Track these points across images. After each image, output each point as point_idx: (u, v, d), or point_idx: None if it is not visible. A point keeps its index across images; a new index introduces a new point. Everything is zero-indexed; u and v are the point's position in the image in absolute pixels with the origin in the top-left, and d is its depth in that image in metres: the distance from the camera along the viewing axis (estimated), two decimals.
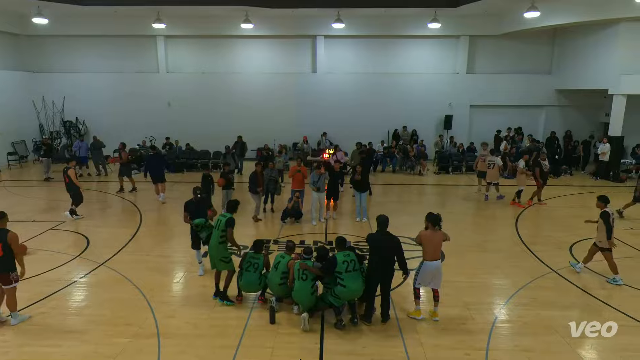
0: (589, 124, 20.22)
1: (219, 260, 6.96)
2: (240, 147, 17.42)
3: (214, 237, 6.96)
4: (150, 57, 20.52)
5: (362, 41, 20.23)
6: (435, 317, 6.57)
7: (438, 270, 6.55)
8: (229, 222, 6.86)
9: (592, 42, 17.36)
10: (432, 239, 6.44)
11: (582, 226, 10.74)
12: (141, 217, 11.57)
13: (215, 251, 6.94)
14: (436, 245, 6.47)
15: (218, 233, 6.91)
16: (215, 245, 6.92)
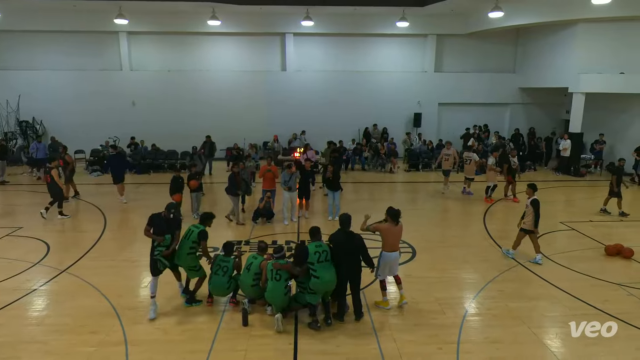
0: (551, 121, 21.03)
1: (188, 270, 6.84)
2: (209, 148, 17.02)
3: (184, 248, 6.76)
4: (112, 54, 19.76)
5: (332, 39, 20.24)
6: (404, 300, 6.84)
7: (396, 260, 6.87)
8: (202, 234, 6.71)
9: (553, 42, 18.03)
10: (392, 231, 6.68)
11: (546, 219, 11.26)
12: (105, 221, 11.16)
13: (183, 261, 6.78)
14: (396, 237, 6.74)
15: (188, 244, 6.74)
16: (184, 255, 6.74)
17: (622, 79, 15.97)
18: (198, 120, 19.69)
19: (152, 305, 6.50)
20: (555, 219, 11.37)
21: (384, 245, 6.72)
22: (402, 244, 9.39)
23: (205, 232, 6.79)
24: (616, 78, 16.02)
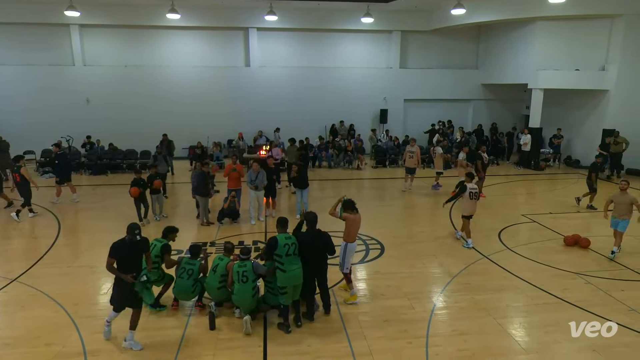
0: (512, 117, 21.74)
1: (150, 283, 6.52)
2: (167, 146, 16.08)
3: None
4: (64, 48, 18.69)
5: (296, 34, 20.04)
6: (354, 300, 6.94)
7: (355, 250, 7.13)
8: (164, 248, 6.47)
9: (513, 39, 18.59)
10: (356, 221, 6.90)
11: (510, 213, 11.61)
12: (60, 225, 10.57)
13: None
14: (357, 226, 6.98)
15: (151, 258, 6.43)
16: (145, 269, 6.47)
17: (577, 76, 16.68)
18: (158, 118, 19.01)
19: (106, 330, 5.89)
20: (517, 212, 11.73)
21: (348, 235, 6.87)
22: (370, 241, 9.50)
23: (169, 246, 6.57)
24: (572, 75, 16.71)
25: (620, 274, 7.96)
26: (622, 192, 8.54)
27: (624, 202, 8.44)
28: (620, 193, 8.56)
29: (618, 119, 16.35)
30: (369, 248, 9.13)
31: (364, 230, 10.10)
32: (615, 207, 8.60)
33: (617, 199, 8.57)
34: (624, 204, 8.45)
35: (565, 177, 16.41)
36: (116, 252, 5.51)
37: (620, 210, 8.47)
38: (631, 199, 8.40)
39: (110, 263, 5.50)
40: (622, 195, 8.51)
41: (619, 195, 8.56)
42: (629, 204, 8.40)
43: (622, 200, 8.48)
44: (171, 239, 6.73)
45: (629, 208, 8.42)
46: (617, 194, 8.62)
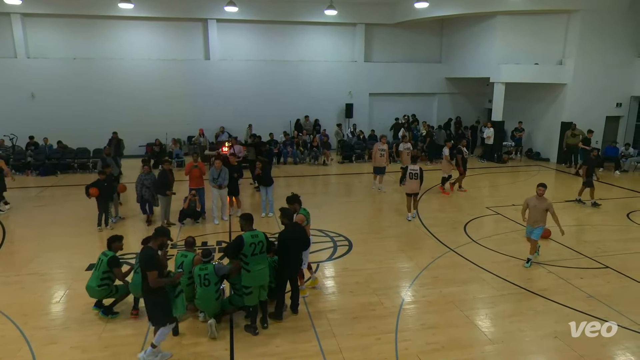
0: (475, 110, 22.21)
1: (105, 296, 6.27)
2: (116, 146, 14.98)
3: (93, 279, 6.16)
4: (5, 39, 17.38)
5: (258, 27, 19.56)
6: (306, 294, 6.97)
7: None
8: (112, 262, 6.11)
9: (475, 33, 18.93)
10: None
11: (474, 205, 11.81)
12: (5, 231, 9.88)
13: (94, 293, 6.20)
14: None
15: (98, 274, 6.13)
16: (94, 287, 6.14)
17: (537, 70, 17.17)
18: (112, 114, 18.10)
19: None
20: (482, 205, 11.97)
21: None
22: (338, 237, 9.41)
23: (116, 258, 6.20)
24: (532, 68, 17.18)
25: (579, 262, 8.23)
26: (538, 197, 7.87)
27: (540, 208, 7.80)
28: (537, 198, 7.88)
29: (575, 112, 16.98)
30: (336, 245, 9.04)
31: (331, 226, 10.06)
32: (530, 213, 7.95)
33: (533, 204, 7.90)
34: (539, 211, 7.82)
35: (527, 169, 16.92)
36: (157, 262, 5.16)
37: (535, 216, 7.85)
38: (547, 205, 7.79)
39: (155, 276, 5.08)
40: (538, 200, 7.86)
41: (535, 201, 7.90)
42: (544, 210, 7.80)
43: (537, 206, 7.83)
44: (117, 249, 6.33)
45: (544, 215, 7.83)
46: (533, 199, 7.93)
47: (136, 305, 6.28)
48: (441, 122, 21.04)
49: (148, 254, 5.18)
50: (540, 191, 7.85)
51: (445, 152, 13.08)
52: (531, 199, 7.98)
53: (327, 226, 10.05)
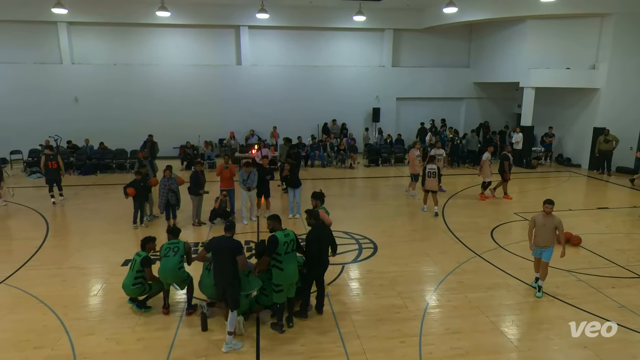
0: (503, 115, 21.84)
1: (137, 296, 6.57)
2: (151, 148, 15.55)
3: (128, 278, 6.45)
4: (51, 46, 18.42)
5: (289, 33, 19.95)
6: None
7: None
8: (144, 262, 6.37)
9: (504, 37, 18.67)
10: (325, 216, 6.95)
11: (502, 211, 11.65)
12: (48, 226, 10.41)
13: (129, 292, 6.49)
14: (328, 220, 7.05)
15: (132, 274, 6.40)
16: (129, 286, 6.43)
17: (568, 74, 16.76)
18: (148, 117, 18.83)
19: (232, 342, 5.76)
20: (510, 210, 11.79)
21: None
22: (363, 240, 9.49)
23: (148, 258, 6.45)
24: (563, 73, 16.79)
25: (611, 271, 8.01)
26: (546, 214, 7.05)
27: (549, 226, 7.00)
28: (544, 216, 7.06)
29: (608, 117, 16.48)
30: (362, 247, 9.11)
31: (356, 228, 10.14)
32: (538, 233, 7.10)
33: (541, 222, 7.06)
34: (548, 229, 7.00)
35: (557, 175, 16.53)
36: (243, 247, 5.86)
37: (544, 236, 7.01)
38: (557, 223, 7.00)
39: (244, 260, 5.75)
40: (546, 218, 7.04)
41: (543, 219, 7.06)
42: (554, 228, 7.00)
43: (546, 224, 7.02)
44: (150, 249, 6.59)
45: (554, 234, 7.02)
46: (541, 217, 7.09)
47: (166, 304, 6.49)
48: (469, 126, 20.78)
49: (233, 242, 5.67)
50: (548, 209, 7.02)
51: (485, 157, 12.71)
52: (539, 217, 7.14)
53: (352, 228, 10.14)
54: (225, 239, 5.70)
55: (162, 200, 9.97)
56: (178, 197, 10.13)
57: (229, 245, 5.64)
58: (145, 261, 6.37)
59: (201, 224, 10.35)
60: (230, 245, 5.64)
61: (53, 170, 12.07)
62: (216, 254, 5.68)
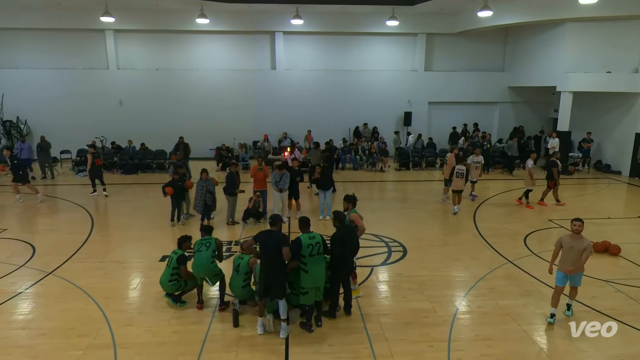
0: (539, 120, 21.28)
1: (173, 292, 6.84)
2: (183, 150, 15.81)
3: (165, 275, 6.71)
4: (99, 52, 19.49)
5: (322, 38, 20.21)
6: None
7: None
8: (180, 259, 6.61)
9: (541, 41, 18.21)
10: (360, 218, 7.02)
11: (536, 218, 11.36)
12: (93, 222, 10.99)
13: (166, 288, 6.75)
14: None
15: (169, 270, 6.66)
16: (165, 283, 6.70)
17: (608, 78, 16.20)
18: (186, 119, 19.58)
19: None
20: (545, 217, 11.49)
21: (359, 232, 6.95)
22: (392, 243, 9.50)
23: (184, 256, 6.68)
24: (603, 77, 16.24)
25: None
26: (574, 235, 6.14)
27: (578, 249, 6.07)
28: (572, 237, 6.16)
29: None
30: (391, 250, 9.13)
31: (386, 231, 10.16)
32: (564, 257, 6.21)
33: (569, 244, 6.14)
34: (576, 253, 6.07)
35: (595, 182, 15.95)
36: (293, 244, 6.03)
37: (572, 260, 6.12)
38: (586, 246, 6.05)
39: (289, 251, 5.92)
40: (575, 239, 6.12)
41: (571, 240, 6.15)
42: (583, 251, 6.07)
43: (575, 247, 6.09)
44: (186, 248, 6.82)
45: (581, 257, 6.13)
46: (568, 239, 6.19)
47: (200, 299, 6.73)
48: (502, 131, 20.45)
49: (280, 234, 6.03)
50: (577, 227, 6.11)
51: (529, 164, 12.37)
52: (566, 238, 6.23)
53: (382, 231, 10.16)
54: (273, 232, 5.98)
55: (199, 201, 10.21)
56: (214, 198, 10.40)
57: (276, 237, 5.91)
58: (181, 259, 6.61)
59: (235, 223, 10.64)
60: (277, 237, 5.92)
61: (98, 167, 13.07)
62: (264, 246, 5.91)
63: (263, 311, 6.07)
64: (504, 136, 19.98)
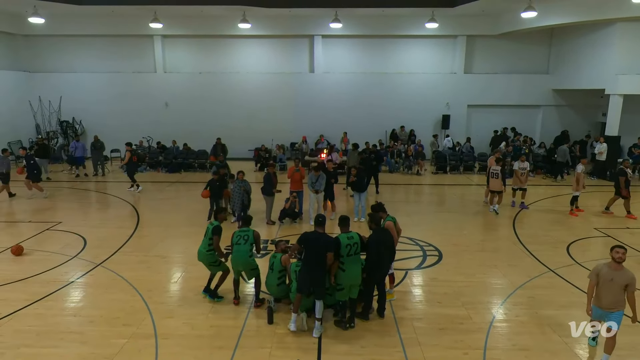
0: (585, 124, 20.34)
1: (208, 265, 6.99)
2: (221, 151, 16.45)
3: (203, 245, 6.93)
4: (147, 57, 20.48)
5: (360, 41, 20.25)
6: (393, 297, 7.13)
7: None
8: (215, 230, 6.81)
9: (589, 42, 17.45)
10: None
11: (581, 225, 10.90)
12: (139, 217, 11.55)
13: (203, 257, 6.94)
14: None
15: (206, 240, 6.89)
16: (203, 252, 6.91)
17: None
18: (227, 120, 20.18)
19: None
20: (590, 225, 11.00)
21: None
22: (428, 247, 9.40)
23: (219, 227, 6.85)
24: None
25: None
26: (615, 265, 5.18)
27: (619, 283, 5.14)
28: (612, 267, 5.21)
29: None
30: (426, 254, 9.04)
31: (421, 235, 10.07)
32: (602, 290, 5.25)
33: (608, 276, 5.18)
34: (616, 287, 5.13)
35: None
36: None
37: (610, 295, 5.16)
38: (628, 279, 5.12)
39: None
40: (616, 271, 5.16)
41: (610, 271, 5.18)
42: (624, 286, 5.13)
43: (615, 279, 5.16)
44: (222, 219, 7.13)
45: (623, 293, 5.19)
46: (606, 269, 5.22)
47: (236, 295, 6.90)
48: (545, 135, 19.75)
49: (329, 238, 6.10)
50: (619, 255, 5.14)
51: (579, 169, 11.84)
52: (604, 268, 5.25)
53: (417, 235, 10.08)
54: (322, 235, 6.07)
55: (237, 201, 10.47)
56: (250, 198, 10.66)
57: (325, 240, 6.02)
58: (215, 229, 6.80)
59: (272, 223, 10.87)
60: (325, 240, 6.02)
61: (135, 164, 14.26)
62: (311, 248, 6.02)
63: (298, 307, 6.17)
64: (546, 141, 19.23)
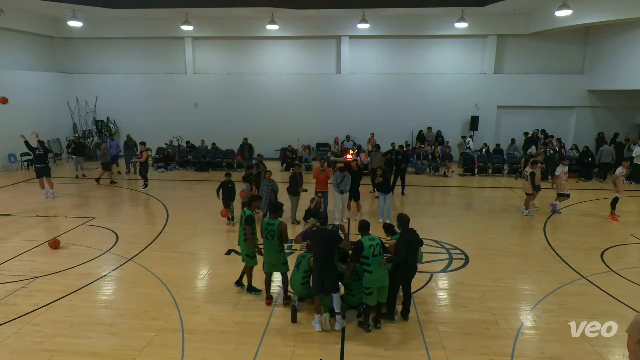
0: (621, 126, 19.52)
1: (244, 255, 7.09)
2: (248, 151, 16.67)
3: (240, 235, 7.11)
4: (178, 58, 20.99)
5: (387, 41, 20.11)
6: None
7: None
8: (247, 219, 6.90)
9: (627, 40, 16.75)
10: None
11: (616, 231, 10.51)
12: (168, 214, 11.84)
13: (242, 246, 7.11)
14: None
15: (241, 230, 7.06)
16: (241, 241, 7.09)
17: None
18: (254, 121, 20.47)
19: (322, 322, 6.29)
20: (626, 231, 10.57)
21: None
22: (454, 250, 9.25)
23: (251, 216, 6.92)
24: None
25: None
26: None
27: None
28: None
29: None
30: (452, 257, 8.90)
31: (447, 238, 9.92)
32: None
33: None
34: None
35: None
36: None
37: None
38: None
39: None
40: None
41: None
42: None
43: None
44: (255, 207, 7.30)
45: None
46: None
47: (268, 295, 6.93)
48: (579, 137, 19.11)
49: (332, 233, 6.30)
50: None
51: (619, 172, 11.44)
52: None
53: (442, 237, 9.94)
54: (323, 231, 6.21)
55: (264, 200, 10.53)
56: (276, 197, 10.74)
57: (327, 235, 6.17)
58: (248, 219, 6.89)
59: (297, 222, 10.95)
60: (328, 236, 6.17)
61: (147, 162, 14.54)
62: (315, 244, 6.18)
63: (319, 308, 6.21)
64: (580, 143, 18.56)
